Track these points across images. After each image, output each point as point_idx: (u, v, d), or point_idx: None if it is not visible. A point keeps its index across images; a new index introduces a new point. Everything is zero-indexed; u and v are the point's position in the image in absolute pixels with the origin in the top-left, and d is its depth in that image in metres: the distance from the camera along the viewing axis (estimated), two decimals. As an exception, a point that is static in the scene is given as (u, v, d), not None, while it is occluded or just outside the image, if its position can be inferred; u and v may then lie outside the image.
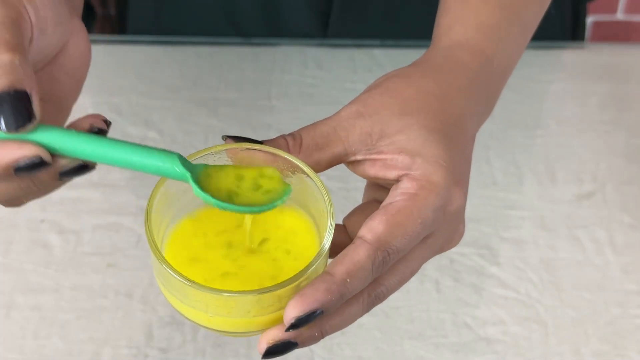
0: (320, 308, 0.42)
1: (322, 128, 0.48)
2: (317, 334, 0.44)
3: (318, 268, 0.44)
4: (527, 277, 0.72)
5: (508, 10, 0.56)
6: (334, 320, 0.45)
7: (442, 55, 0.53)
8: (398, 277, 0.46)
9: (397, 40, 0.93)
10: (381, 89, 0.50)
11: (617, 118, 0.87)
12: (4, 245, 0.73)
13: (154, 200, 0.45)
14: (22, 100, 0.39)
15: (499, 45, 0.55)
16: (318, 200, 0.47)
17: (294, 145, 0.47)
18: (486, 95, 0.53)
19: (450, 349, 0.67)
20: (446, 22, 0.55)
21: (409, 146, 0.47)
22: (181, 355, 0.66)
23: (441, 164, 0.46)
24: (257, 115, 0.85)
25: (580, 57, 0.94)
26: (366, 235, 0.44)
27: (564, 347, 0.67)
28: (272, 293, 0.42)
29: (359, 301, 0.45)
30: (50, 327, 0.67)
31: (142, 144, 0.43)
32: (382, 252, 0.44)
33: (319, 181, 0.46)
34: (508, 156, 0.82)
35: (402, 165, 0.46)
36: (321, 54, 0.92)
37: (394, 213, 0.45)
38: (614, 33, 1.79)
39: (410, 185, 0.46)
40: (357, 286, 0.44)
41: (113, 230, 0.74)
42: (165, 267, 0.43)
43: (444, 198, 0.46)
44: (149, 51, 0.93)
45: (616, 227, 0.76)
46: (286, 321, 0.42)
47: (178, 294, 0.44)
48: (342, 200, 0.75)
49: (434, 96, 0.49)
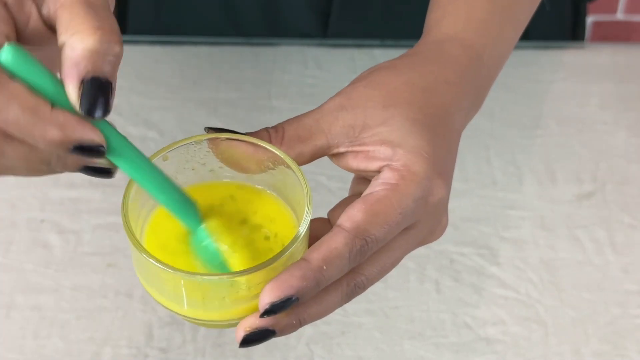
0: (296, 294, 0.42)
1: (305, 120, 0.48)
2: (294, 321, 0.44)
3: (295, 254, 0.43)
4: (527, 277, 0.72)
5: (499, 4, 0.56)
6: (312, 308, 0.44)
7: (430, 49, 0.53)
8: (378, 267, 0.46)
9: (397, 40, 0.93)
10: (366, 82, 0.49)
11: (617, 118, 0.87)
12: (4, 245, 0.73)
13: (130, 190, 0.45)
14: (108, 92, 0.40)
15: (489, 40, 0.54)
16: (298, 191, 0.46)
17: (276, 137, 0.47)
18: (474, 90, 0.53)
19: (450, 349, 0.67)
20: (436, 15, 0.55)
21: (390, 137, 0.47)
22: (181, 355, 0.66)
23: (423, 155, 0.46)
24: (257, 115, 0.85)
25: (580, 57, 0.94)
26: (344, 224, 0.44)
27: (564, 347, 0.67)
28: (246, 276, 0.42)
29: (337, 290, 0.45)
30: (50, 327, 0.67)
31: (178, 187, 0.45)
32: (360, 240, 0.43)
33: (298, 170, 0.46)
34: (508, 156, 0.82)
35: (384, 156, 0.46)
36: (321, 54, 0.92)
37: (374, 202, 0.44)
38: (614, 33, 1.79)
39: (390, 175, 0.46)
40: (334, 274, 0.43)
41: (113, 230, 0.74)
42: (141, 252, 0.43)
43: (425, 188, 0.46)
44: (149, 51, 0.93)
45: (616, 227, 0.76)
46: (261, 306, 0.42)
47: (154, 281, 0.44)
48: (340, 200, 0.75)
49: (419, 88, 0.49)
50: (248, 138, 0.47)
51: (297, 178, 0.46)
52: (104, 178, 0.43)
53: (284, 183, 0.48)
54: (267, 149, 0.46)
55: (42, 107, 0.39)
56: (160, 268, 0.42)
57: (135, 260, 0.46)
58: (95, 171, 0.43)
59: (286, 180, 0.47)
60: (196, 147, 0.47)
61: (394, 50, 0.92)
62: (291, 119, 0.48)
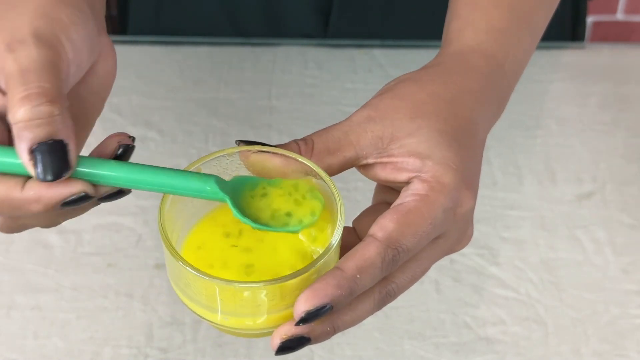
0: (330, 303, 0.43)
1: (334, 133, 0.49)
2: (329, 329, 0.45)
3: (328, 263, 0.44)
4: (527, 277, 0.72)
5: (517, 13, 0.57)
6: (346, 316, 0.45)
7: (452, 59, 0.54)
8: (409, 276, 0.47)
9: (397, 40, 0.93)
10: (392, 93, 0.50)
11: (617, 118, 0.87)
12: (4, 245, 0.73)
13: (167, 200, 0.46)
14: (60, 150, 0.41)
15: (509, 50, 0.55)
16: (330, 201, 0.47)
17: (306, 149, 0.48)
18: (496, 99, 0.54)
19: (450, 349, 0.67)
20: (456, 26, 0.56)
21: (419, 149, 0.47)
22: (181, 355, 0.66)
23: (451, 166, 0.47)
24: (257, 115, 0.85)
25: (580, 57, 0.94)
26: (377, 233, 0.45)
27: (564, 347, 0.67)
28: (281, 284, 0.43)
29: (370, 298, 0.46)
30: (51, 327, 0.67)
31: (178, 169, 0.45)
32: (392, 250, 0.44)
33: (330, 182, 0.47)
34: (508, 156, 0.82)
35: (413, 167, 0.47)
36: (321, 54, 0.92)
37: (405, 213, 0.45)
38: (614, 33, 1.80)
39: (420, 186, 0.46)
40: (367, 282, 0.44)
41: (113, 230, 0.74)
42: (177, 260, 0.43)
43: (454, 200, 0.47)
44: (149, 51, 0.93)
45: (616, 227, 0.76)
46: (296, 315, 0.43)
47: (189, 289, 0.45)
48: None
49: (444, 100, 0.50)
50: (279, 150, 0.48)
51: (329, 189, 0.47)
52: (124, 196, 0.45)
53: None
54: (298, 160, 0.47)
55: (13, 191, 0.42)
56: (196, 275, 0.43)
57: (170, 269, 0.46)
58: (109, 198, 0.44)
59: None
60: (228, 160, 0.48)
61: (394, 50, 0.92)
62: (320, 131, 0.49)
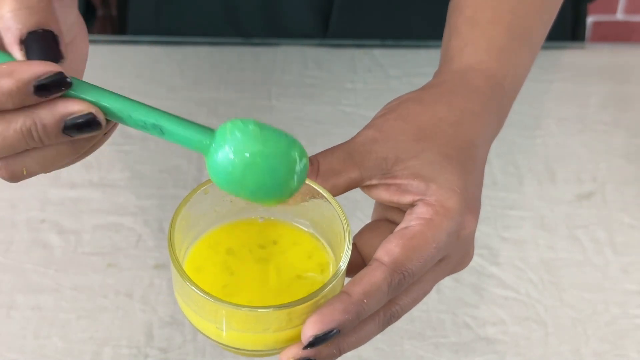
0: (338, 327, 0.43)
1: (339, 153, 0.49)
2: (335, 351, 0.46)
3: (335, 287, 0.45)
4: (527, 277, 0.72)
5: (517, 30, 0.57)
6: (351, 338, 0.46)
7: (454, 78, 0.54)
8: (412, 297, 0.48)
9: (397, 40, 0.93)
10: (396, 114, 0.51)
11: (617, 118, 0.87)
12: (4, 245, 0.73)
13: (177, 217, 0.46)
14: (52, 39, 0.40)
15: (509, 68, 0.56)
16: (334, 222, 0.47)
17: (312, 170, 0.48)
18: (497, 118, 0.55)
19: (450, 349, 0.67)
20: (456, 44, 0.56)
21: (423, 171, 0.48)
22: (181, 355, 0.66)
23: (455, 190, 0.47)
24: (257, 115, 0.85)
25: (580, 57, 0.94)
26: (383, 258, 0.45)
27: (564, 347, 0.67)
28: (289, 309, 0.43)
29: (375, 320, 0.47)
30: (51, 327, 0.67)
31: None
32: (398, 274, 0.45)
33: (336, 204, 0.47)
34: (508, 156, 0.82)
35: (417, 190, 0.47)
36: (321, 54, 0.92)
37: (410, 237, 0.46)
38: (614, 33, 1.79)
39: (425, 210, 0.47)
40: (373, 306, 0.45)
41: (113, 230, 0.74)
42: (185, 280, 0.44)
43: (458, 223, 0.47)
44: (149, 51, 0.93)
45: (616, 227, 0.76)
46: (304, 339, 0.43)
47: (196, 309, 0.45)
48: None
49: (447, 122, 0.51)
50: None
51: (334, 211, 0.47)
52: (95, 132, 0.42)
53: (320, 215, 0.48)
54: (304, 183, 0.47)
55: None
56: (205, 298, 0.43)
57: (177, 288, 0.47)
58: (81, 126, 0.41)
59: (322, 212, 0.48)
60: None
61: (394, 50, 0.92)
62: (324, 151, 0.49)
